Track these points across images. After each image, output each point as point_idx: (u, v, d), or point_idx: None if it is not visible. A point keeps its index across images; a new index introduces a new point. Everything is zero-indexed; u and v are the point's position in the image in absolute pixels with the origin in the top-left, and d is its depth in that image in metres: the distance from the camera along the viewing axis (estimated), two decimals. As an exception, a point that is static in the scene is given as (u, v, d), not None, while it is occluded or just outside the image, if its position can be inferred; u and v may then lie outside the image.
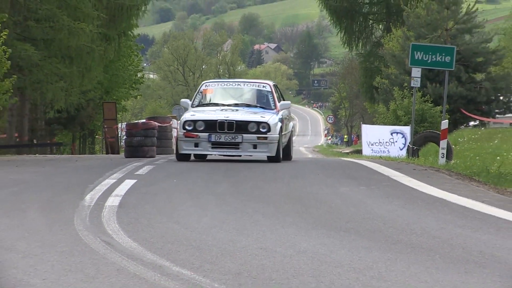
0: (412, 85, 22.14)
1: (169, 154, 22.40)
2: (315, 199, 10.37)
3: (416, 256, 6.59)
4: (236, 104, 17.51)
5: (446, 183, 12.47)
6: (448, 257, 6.55)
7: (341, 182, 12.57)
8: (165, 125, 26.01)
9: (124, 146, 21.37)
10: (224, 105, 17.48)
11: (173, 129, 26.32)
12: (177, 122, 20.57)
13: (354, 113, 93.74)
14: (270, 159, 16.65)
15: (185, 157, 16.90)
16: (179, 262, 6.02)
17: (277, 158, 16.65)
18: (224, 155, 17.09)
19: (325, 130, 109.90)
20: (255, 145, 16.46)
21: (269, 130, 16.46)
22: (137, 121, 26.85)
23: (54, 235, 7.21)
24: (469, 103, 35.53)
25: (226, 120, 16.48)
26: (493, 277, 5.83)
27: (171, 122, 27.45)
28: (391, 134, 29.75)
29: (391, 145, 29.34)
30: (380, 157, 21.34)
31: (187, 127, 16.53)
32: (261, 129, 16.46)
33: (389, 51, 38.79)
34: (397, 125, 31.03)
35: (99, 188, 10.65)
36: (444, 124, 18.39)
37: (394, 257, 6.47)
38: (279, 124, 16.77)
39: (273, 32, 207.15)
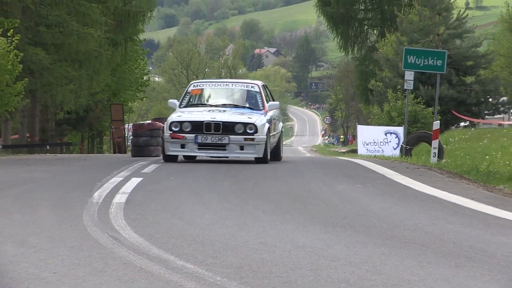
0: (405, 88, 22.11)
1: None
2: (313, 197, 10.36)
3: (409, 251, 6.59)
4: (224, 105, 16.59)
5: (438, 181, 12.46)
6: (440, 252, 6.55)
7: (338, 180, 12.57)
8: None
9: (131, 146, 21.39)
10: (212, 106, 16.56)
11: None
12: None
13: (350, 114, 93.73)
14: (258, 160, 15.72)
15: (172, 159, 15.92)
16: (183, 256, 6.02)
17: (265, 159, 15.75)
18: (211, 157, 16.19)
19: (322, 131, 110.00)
20: (242, 146, 15.56)
21: (256, 131, 15.57)
22: (143, 122, 26.82)
23: (64, 231, 7.21)
24: (460, 105, 35.49)
25: (213, 121, 15.58)
26: (483, 271, 5.83)
27: None
28: (385, 134, 29.69)
29: (385, 145, 29.28)
30: (375, 156, 21.32)
31: (174, 128, 15.65)
32: (248, 130, 15.56)
33: (383, 55, 38.76)
34: (391, 126, 30.97)
35: (107, 186, 10.64)
36: (436, 125, 18.41)
37: (388, 252, 6.47)
38: (267, 125, 15.88)
39: (273, 37, 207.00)
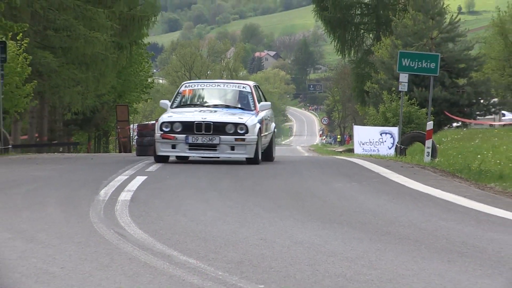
0: (400, 89, 22.09)
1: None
2: (311, 194, 10.36)
3: (404, 246, 6.59)
4: (215, 105, 16.01)
5: (431, 179, 12.47)
6: (433, 247, 6.55)
7: (335, 179, 12.57)
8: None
9: (136, 146, 21.39)
10: (203, 106, 16.00)
11: None
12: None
13: (347, 115, 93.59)
14: (249, 161, 15.15)
15: (163, 159, 15.29)
16: (186, 252, 6.02)
17: (256, 160, 15.15)
18: (202, 157, 15.60)
19: (320, 131, 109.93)
20: (233, 147, 14.99)
21: (247, 132, 14.99)
22: (148, 123, 26.81)
23: (71, 227, 7.21)
24: (452, 106, 35.48)
25: (204, 122, 15.01)
26: (474, 266, 5.83)
27: None
28: (381, 134, 29.66)
29: (381, 145, 29.25)
30: (371, 156, 21.31)
31: (164, 129, 15.10)
32: (239, 131, 14.99)
33: (379, 58, 38.72)
34: (386, 126, 30.93)
35: (113, 184, 10.65)
36: (429, 125, 18.41)
37: (384, 247, 6.47)
38: (258, 126, 15.30)
39: (272, 41, 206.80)
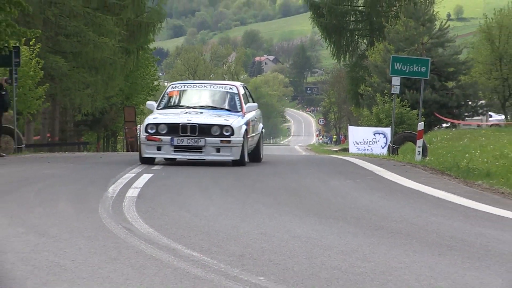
0: (392, 92, 22.05)
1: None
2: (308, 191, 10.36)
3: (396, 240, 6.58)
4: (202, 107, 15.11)
5: (422, 177, 12.46)
6: (424, 241, 6.55)
7: (331, 176, 12.56)
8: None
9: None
10: (189, 108, 15.07)
11: None
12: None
13: (342, 116, 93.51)
14: (234, 163, 14.28)
15: (149, 161, 14.33)
16: (190, 246, 6.02)
17: (241, 162, 14.27)
18: (188, 159, 14.72)
19: (317, 131, 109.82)
20: (219, 149, 14.14)
21: (233, 134, 14.12)
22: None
23: (81, 222, 7.20)
24: (442, 108, 35.48)
25: (189, 124, 14.15)
26: (463, 259, 5.83)
27: None
28: (374, 135, 29.63)
29: (374, 144, 29.22)
30: (365, 155, 21.30)
31: (150, 130, 14.27)
32: (225, 133, 14.13)
33: (372, 62, 38.73)
34: (379, 127, 30.91)
35: (121, 181, 10.64)
36: (420, 126, 18.41)
37: (377, 241, 6.47)
38: (244, 127, 14.41)
39: (272, 46, 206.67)
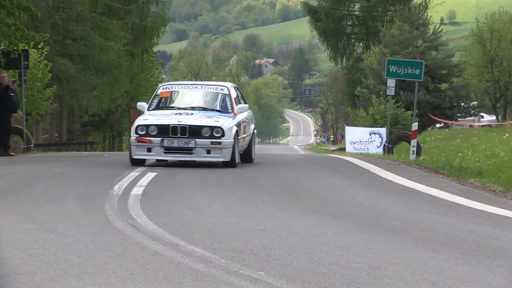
0: (388, 94, 22.05)
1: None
2: (307, 189, 10.35)
3: (391, 237, 6.58)
4: (192, 108, 14.45)
5: (416, 176, 12.46)
6: (418, 238, 6.54)
7: (328, 175, 12.56)
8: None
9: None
10: (180, 109, 14.41)
11: None
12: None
13: (339, 117, 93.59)
14: (225, 164, 13.67)
15: (139, 162, 13.64)
16: (193, 242, 6.02)
17: (232, 163, 13.66)
18: (178, 161, 14.08)
19: (315, 131, 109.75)
20: (209, 150, 13.51)
21: (223, 135, 13.49)
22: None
23: (88, 219, 7.20)
24: (435, 109, 35.47)
25: (179, 125, 13.50)
26: (456, 254, 5.82)
27: None
28: (370, 135, 29.63)
29: (370, 144, 29.22)
30: (361, 154, 21.30)
31: (140, 132, 13.58)
32: (215, 134, 13.50)
33: (368, 65, 38.72)
34: (375, 127, 30.92)
35: (126, 180, 10.63)
36: (414, 126, 18.41)
37: (373, 238, 6.47)
38: (235, 129, 13.79)
39: (271, 49, 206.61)
